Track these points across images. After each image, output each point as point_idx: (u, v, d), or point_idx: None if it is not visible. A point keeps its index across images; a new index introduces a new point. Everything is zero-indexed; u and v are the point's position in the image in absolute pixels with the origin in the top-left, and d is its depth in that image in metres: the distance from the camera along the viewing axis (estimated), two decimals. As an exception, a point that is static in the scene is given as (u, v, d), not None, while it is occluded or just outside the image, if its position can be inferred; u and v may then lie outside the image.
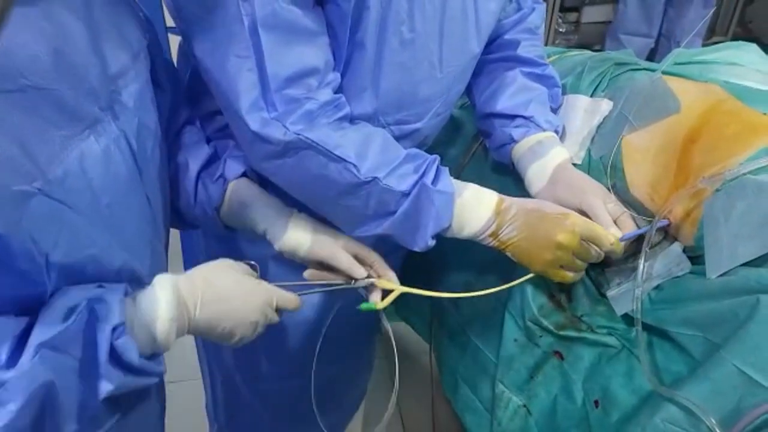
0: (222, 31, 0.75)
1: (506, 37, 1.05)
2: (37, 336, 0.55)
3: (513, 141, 1.01)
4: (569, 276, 0.90)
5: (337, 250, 0.89)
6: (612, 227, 0.89)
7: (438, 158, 0.87)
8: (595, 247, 0.88)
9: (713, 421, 0.67)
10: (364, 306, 0.90)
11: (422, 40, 0.86)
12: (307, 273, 0.91)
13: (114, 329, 0.59)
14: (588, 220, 0.88)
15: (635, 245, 0.90)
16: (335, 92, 0.83)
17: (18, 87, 0.52)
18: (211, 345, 1.24)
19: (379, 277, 0.91)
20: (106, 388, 0.59)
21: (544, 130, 1.00)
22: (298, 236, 0.89)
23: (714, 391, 0.69)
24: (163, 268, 0.81)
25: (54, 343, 0.55)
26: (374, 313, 1.34)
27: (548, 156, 0.98)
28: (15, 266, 0.55)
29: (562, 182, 0.95)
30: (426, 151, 1.08)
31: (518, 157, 1.01)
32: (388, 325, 0.96)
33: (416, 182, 0.83)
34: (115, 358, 0.60)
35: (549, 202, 0.91)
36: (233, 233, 0.98)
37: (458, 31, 0.90)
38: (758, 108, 0.87)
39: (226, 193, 0.90)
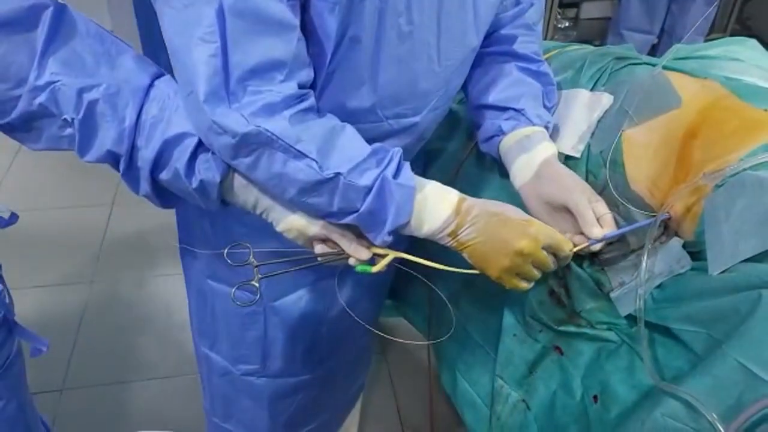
0: (191, 12, 0.73)
1: (503, 31, 1.05)
2: None
3: (502, 133, 1.00)
4: (523, 285, 0.88)
5: (345, 231, 0.88)
6: (595, 227, 0.88)
7: (401, 151, 0.85)
8: (553, 258, 0.87)
9: (714, 415, 0.67)
10: (359, 267, 0.89)
11: (420, 32, 0.85)
12: (319, 248, 0.90)
13: None
14: (551, 227, 0.87)
15: (637, 241, 0.90)
16: (304, 88, 0.80)
17: None
18: (208, 341, 1.24)
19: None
20: None
21: (534, 125, 0.99)
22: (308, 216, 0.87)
23: (715, 385, 0.69)
24: None
25: None
26: (373, 309, 1.34)
27: (535, 150, 0.97)
28: None
29: (547, 178, 0.94)
30: (425, 146, 1.08)
31: (505, 149, 1.00)
32: None
33: (378, 176, 0.81)
34: None
35: (513, 207, 0.89)
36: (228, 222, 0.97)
37: (456, 24, 0.90)
38: (758, 104, 0.87)
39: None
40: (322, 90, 0.85)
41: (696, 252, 0.82)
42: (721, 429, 0.66)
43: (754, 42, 1.09)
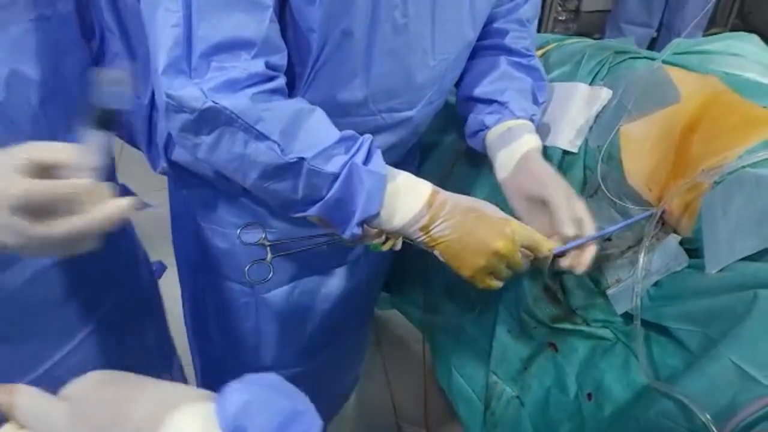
0: None
1: (495, 25, 1.03)
2: None
3: (485, 127, 0.98)
4: (495, 284, 0.85)
5: None
6: (567, 225, 0.86)
7: (371, 138, 0.81)
8: (527, 260, 0.85)
9: (708, 416, 0.66)
10: (372, 245, 0.87)
11: (415, 25, 0.83)
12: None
13: None
14: (528, 228, 0.84)
15: (632, 237, 0.89)
16: (275, 70, 0.77)
17: None
18: (200, 332, 1.23)
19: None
20: None
21: (518, 117, 0.97)
22: None
23: (709, 386, 0.68)
24: None
25: None
26: (368, 302, 1.33)
27: (516, 143, 0.94)
28: None
29: (526, 172, 0.92)
30: (420, 139, 1.07)
31: (489, 144, 0.98)
32: None
33: (346, 162, 0.77)
34: None
35: (489, 204, 0.85)
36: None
37: (451, 17, 0.88)
38: (758, 101, 0.86)
39: None
40: (311, 83, 0.83)
41: (694, 249, 0.82)
42: (715, 430, 0.66)
43: (754, 37, 1.07)
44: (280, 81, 0.77)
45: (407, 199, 0.81)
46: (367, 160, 0.78)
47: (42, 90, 0.70)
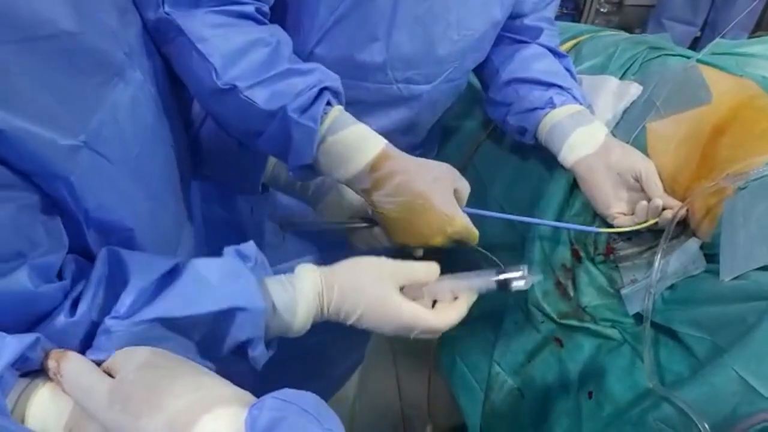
0: None
1: (527, 21, 1.01)
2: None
3: (551, 106, 0.95)
4: (418, 253, 0.84)
5: None
6: (661, 197, 0.85)
7: (331, 82, 0.76)
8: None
9: (706, 426, 0.65)
10: None
11: None
12: None
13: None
14: (470, 230, 0.81)
15: (652, 239, 0.87)
16: (259, 11, 0.75)
17: (48, 33, 0.48)
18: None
19: None
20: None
21: (581, 105, 0.96)
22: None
23: (712, 395, 0.67)
24: (183, 210, 0.77)
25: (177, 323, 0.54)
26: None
27: (596, 124, 0.93)
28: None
29: (619, 149, 0.90)
30: (441, 122, 1.05)
31: (555, 122, 0.95)
32: None
33: (282, 106, 0.73)
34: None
35: (441, 191, 0.80)
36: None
37: None
38: (793, 107, 0.83)
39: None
40: (325, 35, 0.82)
41: (711, 255, 0.80)
42: (712, 441, 0.65)
43: (796, 42, 1.04)
44: (250, 7, 0.74)
45: (350, 155, 0.77)
46: (305, 109, 0.74)
47: (162, 76, 0.70)
